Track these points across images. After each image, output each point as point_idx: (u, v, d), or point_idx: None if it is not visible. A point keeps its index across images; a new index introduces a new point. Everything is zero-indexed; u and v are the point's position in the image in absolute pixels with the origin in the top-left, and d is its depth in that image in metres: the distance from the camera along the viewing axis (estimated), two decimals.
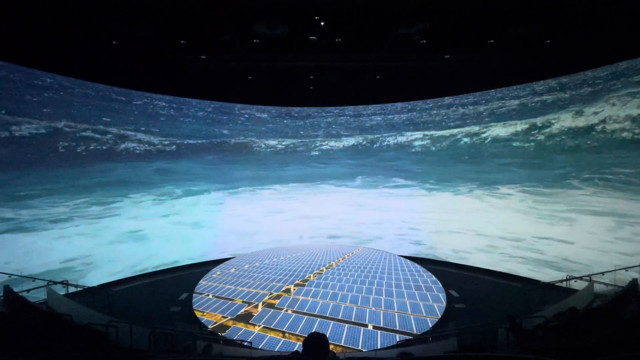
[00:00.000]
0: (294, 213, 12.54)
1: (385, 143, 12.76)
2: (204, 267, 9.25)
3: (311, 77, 8.97)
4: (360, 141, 13.13)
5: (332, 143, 13.25)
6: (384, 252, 11.45)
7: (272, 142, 13.02)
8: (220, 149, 12.10)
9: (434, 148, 11.55)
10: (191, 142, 11.63)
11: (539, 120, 8.97)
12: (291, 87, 10.11)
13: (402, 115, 12.44)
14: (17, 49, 6.31)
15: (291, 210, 12.53)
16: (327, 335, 2.42)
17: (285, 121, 12.81)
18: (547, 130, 8.87)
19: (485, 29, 6.15)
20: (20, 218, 8.04)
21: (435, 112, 11.69)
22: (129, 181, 10.14)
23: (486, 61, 7.82)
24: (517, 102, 9.35)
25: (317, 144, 13.37)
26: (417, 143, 12.05)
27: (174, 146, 11.26)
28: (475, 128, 10.66)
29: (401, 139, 12.44)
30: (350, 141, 13.16)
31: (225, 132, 12.11)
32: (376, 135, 12.82)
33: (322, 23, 5.78)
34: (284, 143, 13.16)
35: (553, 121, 8.65)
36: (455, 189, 10.57)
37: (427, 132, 11.81)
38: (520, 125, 9.48)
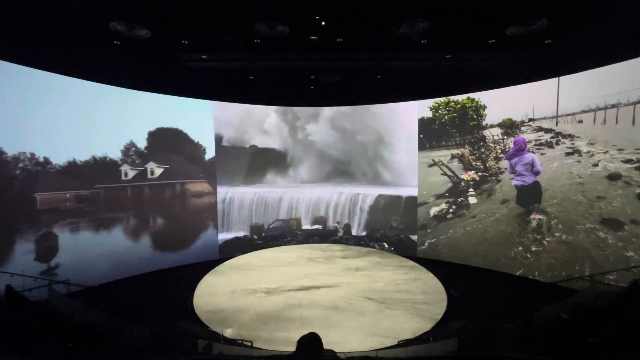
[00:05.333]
0: None
1: None
2: (206, 267, 9.26)
3: (312, 76, 8.98)
4: None
5: None
6: (384, 251, 11.44)
7: None
8: None
9: None
10: None
11: None
12: (292, 86, 10.13)
13: None
14: (17, 48, 6.32)
15: None
16: None
17: None
18: None
19: (487, 29, 6.16)
20: None
21: None
22: None
23: (487, 61, 7.83)
24: None
25: None
26: None
27: None
28: None
29: None
30: None
31: None
32: None
33: (322, 23, 5.79)
34: None
35: None
36: None
37: None
38: None
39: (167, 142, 9.83)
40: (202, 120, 10.34)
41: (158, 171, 9.69)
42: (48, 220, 7.37)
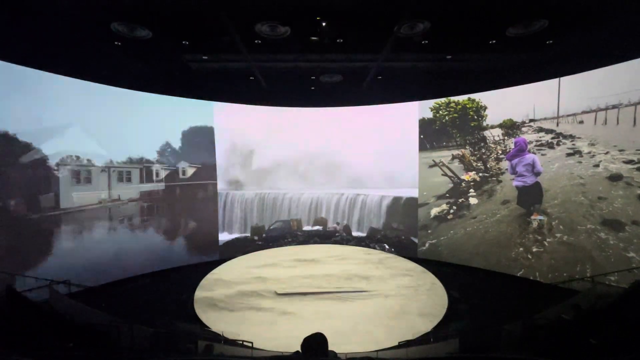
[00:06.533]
0: None
1: None
2: (206, 267, 9.26)
3: (312, 77, 8.98)
4: None
5: None
6: (384, 252, 11.42)
7: None
8: None
9: None
10: None
11: None
12: (293, 87, 10.12)
13: None
14: (16, 48, 6.33)
15: None
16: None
17: None
18: None
19: (487, 30, 6.16)
20: None
21: None
22: None
23: (488, 61, 7.83)
24: None
25: None
26: None
27: None
28: None
29: None
30: None
31: None
32: None
33: (323, 24, 5.79)
34: None
35: None
36: None
37: None
38: None
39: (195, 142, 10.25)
40: (206, 121, 10.38)
41: (190, 171, 10.08)
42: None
